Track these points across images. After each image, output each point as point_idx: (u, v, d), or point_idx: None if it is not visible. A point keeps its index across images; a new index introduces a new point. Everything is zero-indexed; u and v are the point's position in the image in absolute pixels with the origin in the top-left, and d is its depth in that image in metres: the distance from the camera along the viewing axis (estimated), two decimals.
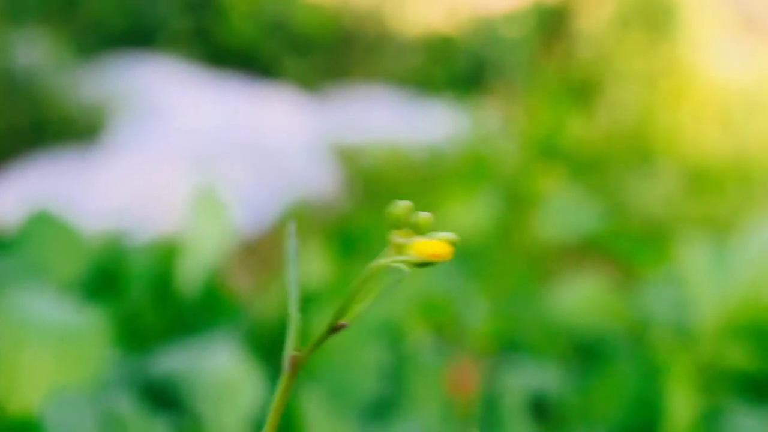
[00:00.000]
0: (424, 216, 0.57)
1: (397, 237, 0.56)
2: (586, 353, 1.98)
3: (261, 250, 3.02)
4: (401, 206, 0.56)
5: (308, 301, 1.85)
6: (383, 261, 0.56)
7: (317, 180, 3.73)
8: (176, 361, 1.58)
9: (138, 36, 4.49)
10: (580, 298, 2.09)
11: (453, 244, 0.56)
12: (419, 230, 0.57)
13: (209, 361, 1.57)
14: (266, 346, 1.72)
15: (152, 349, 1.65)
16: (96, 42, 4.35)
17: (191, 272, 1.81)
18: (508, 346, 1.99)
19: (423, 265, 0.56)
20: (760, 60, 5.00)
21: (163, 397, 1.54)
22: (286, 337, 0.60)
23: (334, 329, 0.57)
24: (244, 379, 1.56)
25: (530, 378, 1.86)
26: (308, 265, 2.36)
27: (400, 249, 0.56)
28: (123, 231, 2.01)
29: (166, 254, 1.84)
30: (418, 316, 2.01)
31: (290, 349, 0.57)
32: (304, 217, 3.43)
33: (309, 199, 3.61)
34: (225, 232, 1.90)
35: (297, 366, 0.57)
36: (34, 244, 1.76)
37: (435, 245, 0.55)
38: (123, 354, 1.62)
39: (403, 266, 0.56)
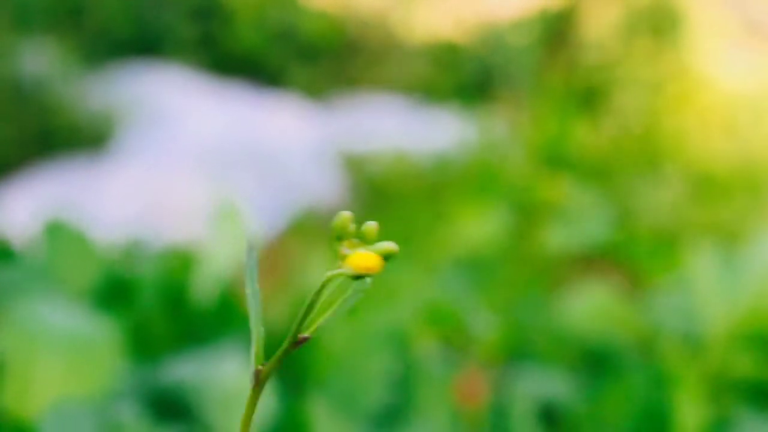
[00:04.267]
0: (369, 226, 0.57)
1: (342, 248, 0.56)
2: (595, 362, 1.98)
3: (269, 258, 3.02)
4: (343, 217, 0.56)
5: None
6: (331, 273, 0.56)
7: (323, 187, 3.74)
8: (187, 370, 1.58)
9: (145, 44, 4.50)
10: (589, 307, 2.10)
11: (390, 255, 0.56)
12: (365, 241, 0.57)
13: (220, 371, 1.57)
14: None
15: (163, 358, 1.66)
16: (103, 50, 4.36)
17: (206, 282, 1.81)
18: (517, 355, 2.00)
19: (359, 277, 0.56)
20: (764, 66, 5.00)
21: (173, 406, 1.55)
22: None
23: (296, 343, 0.57)
24: None
25: (539, 387, 1.86)
26: (316, 273, 2.37)
27: (343, 260, 0.56)
28: (135, 240, 2.01)
29: (179, 264, 1.84)
30: (426, 325, 2.01)
31: (255, 363, 0.58)
32: (311, 226, 3.44)
33: (315, 207, 3.61)
34: (241, 243, 1.90)
35: (263, 380, 0.58)
36: (47, 253, 1.77)
37: (366, 258, 0.55)
38: (134, 363, 1.62)
39: (349, 277, 0.56)
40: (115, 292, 1.75)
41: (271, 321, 1.93)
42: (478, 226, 2.91)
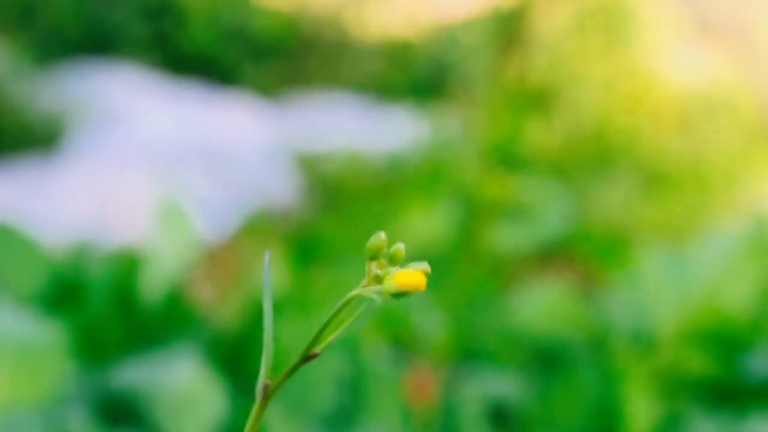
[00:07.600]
0: (398, 247, 0.58)
1: (374, 267, 0.58)
2: (547, 361, 1.98)
3: (222, 258, 3.01)
4: (379, 238, 0.58)
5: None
6: (360, 291, 0.57)
7: (277, 187, 3.73)
8: (137, 373, 1.58)
9: (97, 43, 4.47)
10: (541, 305, 2.10)
11: (426, 274, 0.58)
12: (394, 261, 0.58)
13: (170, 374, 1.56)
14: (227, 358, 1.72)
15: (113, 361, 1.65)
16: (55, 49, 4.33)
17: (154, 283, 1.80)
18: (468, 355, 2.00)
19: (399, 295, 0.57)
20: (716, 64, 5.03)
21: (123, 410, 1.54)
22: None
23: (308, 358, 0.58)
24: (205, 391, 1.56)
25: (490, 386, 1.87)
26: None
27: (376, 279, 0.57)
28: (84, 242, 2.00)
29: (128, 265, 1.83)
30: (376, 326, 2.01)
31: (264, 377, 0.58)
32: (264, 225, 3.43)
33: (269, 207, 3.60)
34: (188, 243, 1.89)
35: (270, 395, 0.58)
36: None
37: (412, 276, 0.57)
38: (83, 366, 1.61)
39: (377, 296, 0.57)
40: (63, 295, 1.74)
41: (224, 323, 1.93)
42: (430, 225, 2.92)
